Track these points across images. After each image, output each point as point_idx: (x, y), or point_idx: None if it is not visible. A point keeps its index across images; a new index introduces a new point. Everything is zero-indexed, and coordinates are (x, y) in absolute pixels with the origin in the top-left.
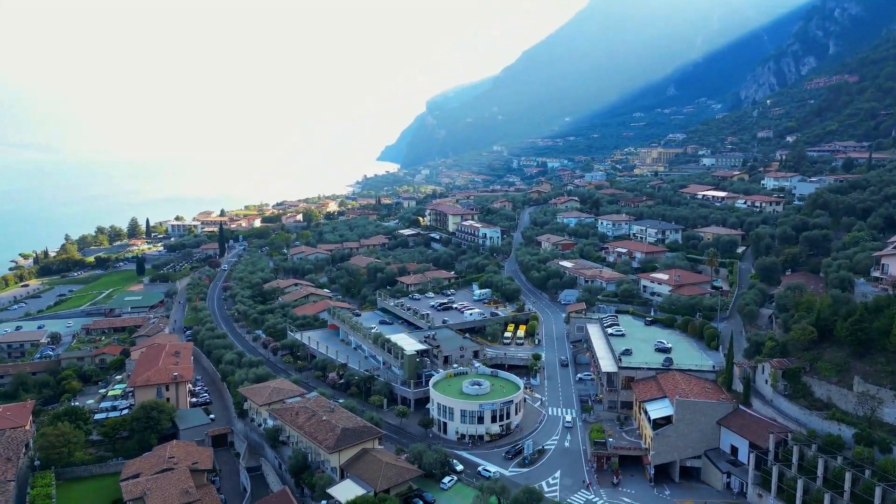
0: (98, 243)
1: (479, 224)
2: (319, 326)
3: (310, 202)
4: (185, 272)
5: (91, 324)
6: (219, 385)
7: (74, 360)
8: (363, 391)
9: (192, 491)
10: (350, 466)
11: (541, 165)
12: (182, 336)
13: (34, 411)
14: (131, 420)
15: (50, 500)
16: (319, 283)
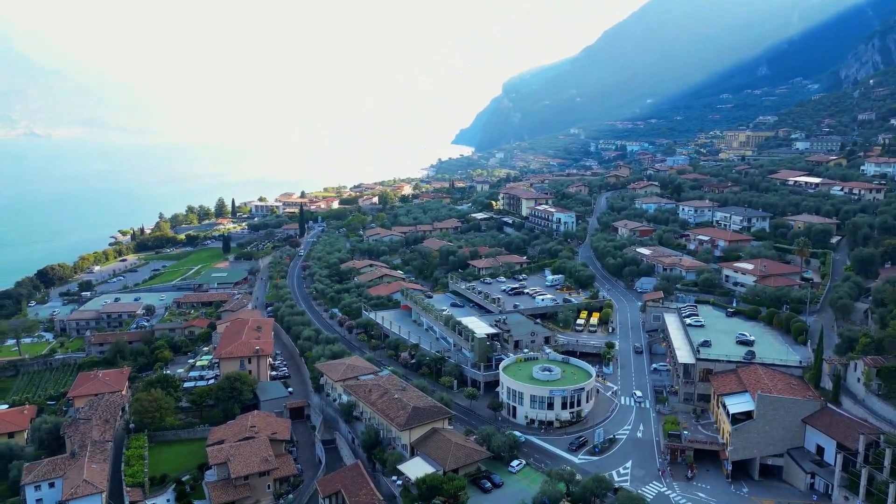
0: (188, 222)
1: (554, 209)
2: (393, 307)
3: (385, 185)
4: (268, 251)
5: (181, 298)
6: (297, 360)
7: (166, 331)
8: (434, 372)
9: (271, 459)
10: (420, 445)
11: (619, 149)
12: (264, 312)
13: (130, 377)
14: (217, 390)
15: (143, 461)
16: (393, 264)
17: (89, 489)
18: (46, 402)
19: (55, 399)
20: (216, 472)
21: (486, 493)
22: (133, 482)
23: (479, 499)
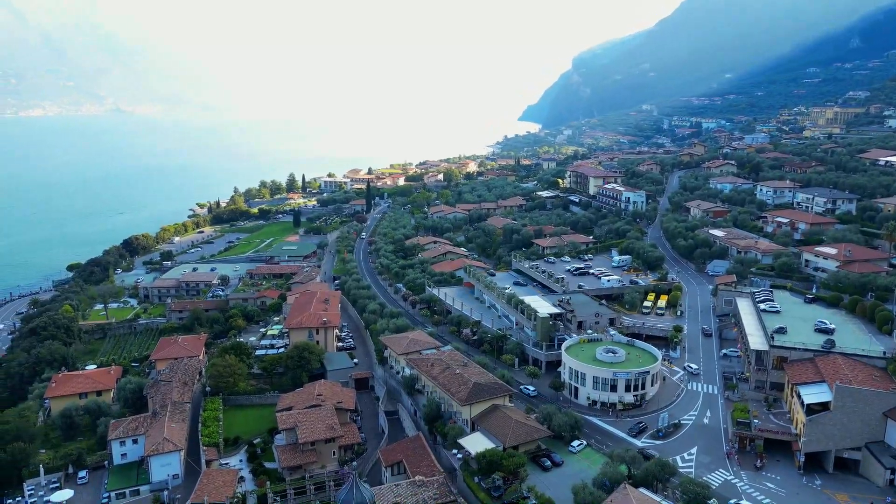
0: (261, 196)
1: (623, 187)
2: (455, 284)
3: (450, 162)
4: (335, 226)
5: (254, 269)
6: (362, 332)
7: (240, 300)
8: (495, 349)
9: (337, 427)
10: (481, 420)
11: (694, 126)
12: (331, 285)
13: (206, 344)
14: (286, 358)
15: (218, 423)
16: (457, 241)
17: (169, 446)
18: (131, 363)
19: (139, 361)
20: (285, 436)
21: (545, 472)
22: (209, 442)
23: (538, 477)
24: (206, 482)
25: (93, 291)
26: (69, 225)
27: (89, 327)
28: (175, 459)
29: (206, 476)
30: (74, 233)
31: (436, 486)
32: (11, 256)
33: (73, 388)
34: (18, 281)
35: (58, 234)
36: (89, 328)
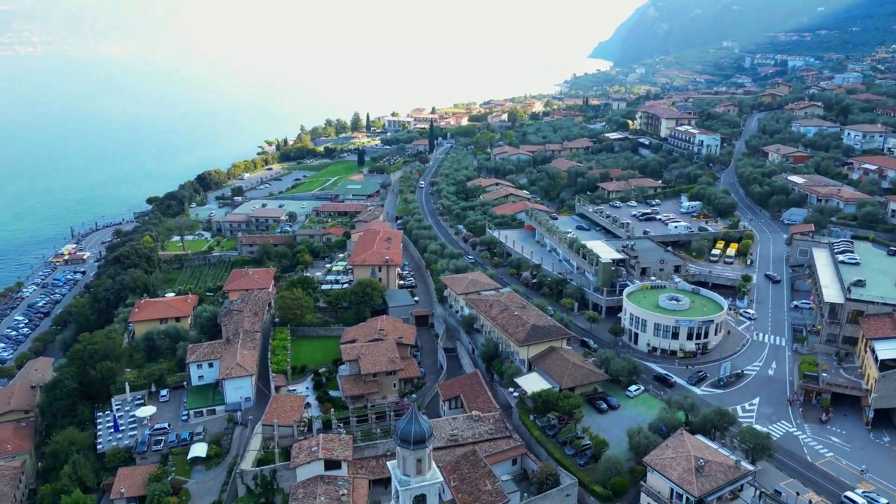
0: (326, 134)
1: (696, 130)
2: (516, 226)
3: (515, 102)
4: (398, 166)
5: (320, 207)
6: (423, 272)
7: (306, 236)
8: (555, 293)
9: (397, 361)
10: (537, 361)
11: (779, 64)
12: (394, 224)
13: (275, 277)
14: (350, 293)
15: (285, 352)
16: (519, 183)
17: (241, 371)
18: (206, 293)
19: (213, 291)
20: (348, 367)
21: (601, 414)
22: (277, 369)
23: (593, 418)
24: (275, 406)
25: (170, 223)
26: (147, 161)
27: (167, 257)
28: (247, 384)
29: (276, 400)
30: (152, 168)
31: (492, 422)
32: (96, 189)
33: (154, 313)
34: (103, 212)
35: (137, 169)
36: (167, 258)
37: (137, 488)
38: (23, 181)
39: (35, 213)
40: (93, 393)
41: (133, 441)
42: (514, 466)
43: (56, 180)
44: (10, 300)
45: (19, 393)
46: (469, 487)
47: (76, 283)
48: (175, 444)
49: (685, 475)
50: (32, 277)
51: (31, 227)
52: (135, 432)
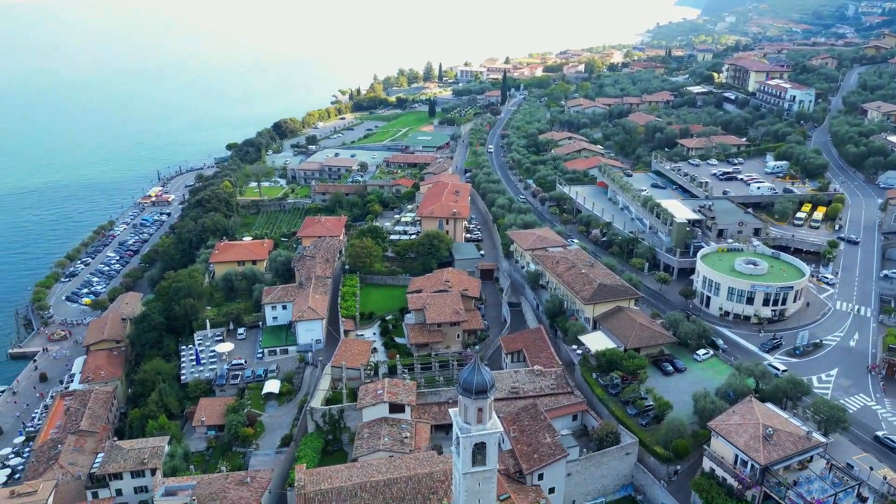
0: (398, 84)
1: (788, 84)
2: (588, 182)
3: (593, 52)
4: (469, 117)
5: (390, 157)
6: (490, 226)
7: (377, 187)
8: (625, 252)
9: (462, 312)
10: (603, 320)
11: (888, 13)
12: (462, 177)
13: (346, 225)
14: (417, 244)
15: (354, 298)
16: (593, 138)
17: (313, 315)
18: (280, 238)
19: (287, 237)
20: (414, 316)
21: (666, 376)
22: (346, 314)
23: (658, 380)
24: (344, 349)
25: (248, 170)
26: (227, 107)
27: (245, 203)
28: (318, 326)
29: (345, 344)
30: (231, 115)
31: (553, 377)
32: (179, 135)
33: (232, 255)
34: (186, 156)
35: (217, 116)
36: (245, 203)
37: (216, 418)
38: (111, 126)
39: (124, 157)
40: (177, 327)
41: (213, 374)
42: (574, 422)
43: (142, 125)
44: (103, 237)
45: (111, 324)
46: (528, 439)
47: (162, 223)
48: (251, 379)
49: (752, 442)
50: (123, 217)
51: (122, 170)
52: (214, 366)
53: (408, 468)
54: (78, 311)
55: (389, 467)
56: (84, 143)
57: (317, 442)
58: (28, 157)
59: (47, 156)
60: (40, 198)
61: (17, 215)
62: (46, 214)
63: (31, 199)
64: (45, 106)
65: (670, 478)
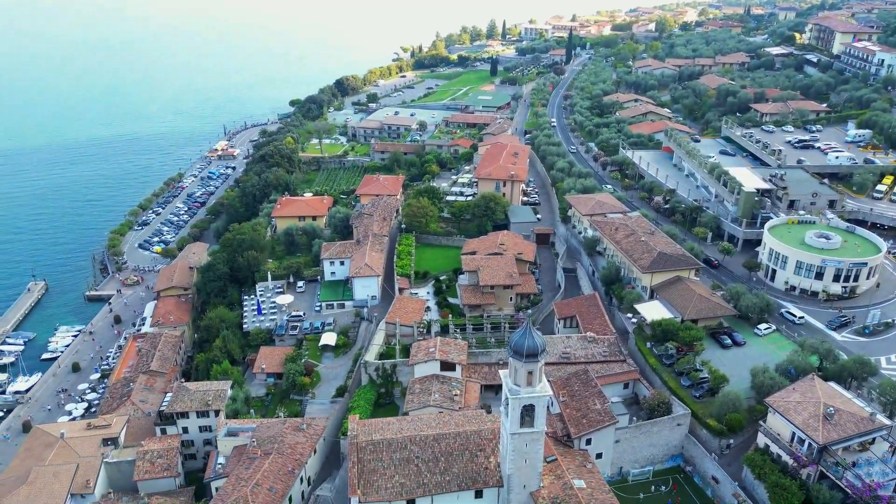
0: (461, 42)
1: (877, 46)
2: (653, 147)
3: (665, 9)
4: (532, 77)
5: (450, 117)
6: (548, 189)
7: (435, 146)
8: (688, 221)
9: (515, 276)
10: (661, 290)
11: None
12: (522, 138)
13: (403, 185)
14: (473, 206)
15: (410, 257)
16: (660, 101)
17: (369, 271)
18: (339, 195)
19: (346, 194)
20: (468, 277)
21: (724, 349)
22: (401, 272)
23: (715, 353)
24: (398, 306)
25: (310, 126)
26: (290, 65)
27: (306, 159)
28: (373, 283)
29: (399, 301)
30: (294, 72)
31: (606, 345)
32: (243, 91)
33: (293, 210)
34: (251, 111)
35: (281, 73)
36: (306, 160)
37: (275, 366)
38: (180, 80)
39: (192, 111)
40: (240, 278)
41: (273, 324)
42: (625, 390)
43: (210, 79)
44: (173, 189)
45: (180, 272)
46: (578, 404)
47: (227, 177)
48: (308, 331)
49: (811, 421)
50: (191, 170)
51: (190, 123)
52: (275, 317)
53: (457, 424)
54: (149, 259)
55: (439, 422)
56: (159, 96)
57: (370, 394)
58: (106, 109)
59: (125, 108)
60: (116, 149)
61: (95, 165)
62: (121, 165)
63: (108, 150)
64: (124, 58)
65: (722, 451)
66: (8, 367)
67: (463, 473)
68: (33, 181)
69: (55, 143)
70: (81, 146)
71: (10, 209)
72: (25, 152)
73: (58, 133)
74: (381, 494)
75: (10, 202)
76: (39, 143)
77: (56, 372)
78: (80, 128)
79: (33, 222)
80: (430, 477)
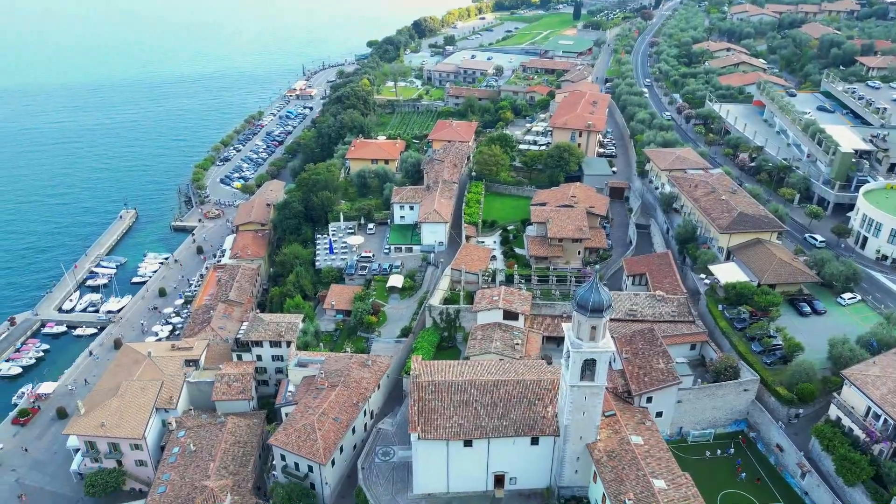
0: None
1: None
2: (743, 101)
3: None
4: (616, 21)
5: (527, 62)
6: (626, 141)
7: (510, 93)
8: (774, 180)
9: (585, 230)
10: (738, 252)
11: None
12: (602, 87)
13: (476, 131)
14: (546, 156)
15: (478, 205)
16: (755, 51)
17: (437, 217)
18: (412, 139)
19: (418, 139)
20: (536, 228)
21: (801, 317)
22: (469, 220)
23: (791, 320)
24: (464, 253)
25: (386, 68)
26: (369, 3)
27: (381, 101)
28: (441, 229)
29: (465, 249)
30: (372, 12)
31: (675, 304)
32: (321, 32)
33: (367, 153)
34: (330, 52)
35: (356, 14)
36: (381, 102)
37: (344, 303)
38: (260, 20)
39: (272, 51)
40: (314, 217)
41: (343, 263)
42: (691, 351)
43: (288, 18)
44: (253, 126)
45: (258, 208)
46: (641, 362)
47: (305, 117)
48: (377, 272)
49: (889, 396)
50: (270, 108)
51: (271, 62)
52: (345, 256)
53: (516, 372)
54: (229, 193)
55: (499, 369)
56: (243, 33)
57: (433, 337)
58: (194, 47)
59: (211, 46)
60: (202, 86)
61: (182, 101)
62: (206, 102)
63: (195, 86)
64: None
65: (789, 420)
66: (101, 288)
67: (520, 420)
68: (127, 115)
69: (147, 80)
70: (171, 82)
71: (106, 141)
72: (120, 87)
73: (149, 69)
74: (440, 433)
75: (106, 134)
76: (132, 79)
77: (144, 295)
78: (171, 65)
79: (126, 154)
80: (488, 420)
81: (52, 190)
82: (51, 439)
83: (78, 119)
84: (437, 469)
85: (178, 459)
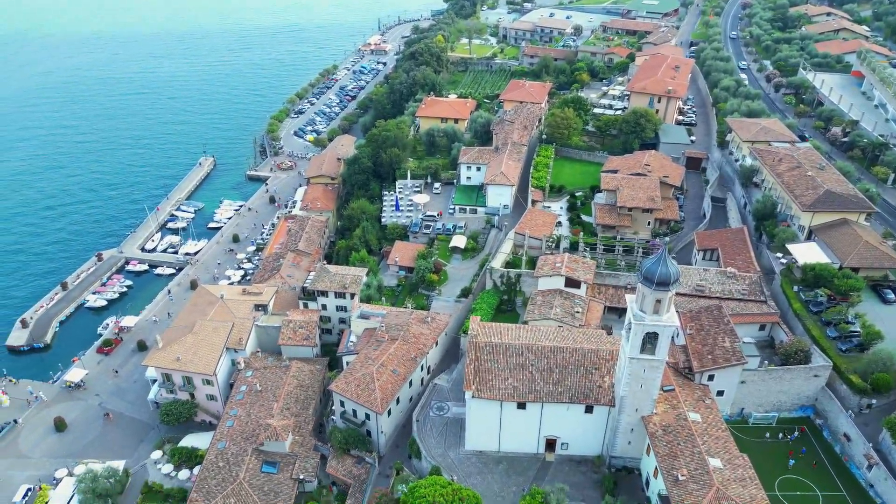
0: None
1: None
2: (840, 70)
3: None
4: None
5: (608, 22)
6: (707, 109)
7: (588, 53)
8: (867, 158)
9: (657, 200)
10: (821, 231)
11: None
12: (686, 51)
13: (549, 93)
14: (622, 122)
15: (547, 170)
16: (859, 16)
17: (504, 180)
18: (483, 99)
19: (490, 98)
20: (605, 196)
21: (885, 304)
22: (536, 185)
23: (873, 306)
24: (529, 218)
25: (461, 25)
26: None
27: (454, 59)
28: (507, 192)
29: (531, 213)
30: None
31: (747, 283)
32: None
33: (437, 111)
34: (406, 6)
35: None
36: (454, 60)
37: (408, 260)
38: None
39: (349, 3)
40: (382, 173)
41: (409, 221)
42: (760, 332)
43: None
44: (327, 80)
45: (328, 162)
46: (705, 339)
47: (378, 72)
48: (441, 231)
49: None
50: (344, 63)
51: (347, 16)
52: (411, 214)
53: (574, 340)
54: (302, 146)
55: (557, 336)
56: None
57: (492, 299)
58: None
59: None
60: (278, 39)
61: (260, 52)
62: (283, 54)
63: (272, 39)
64: None
65: (860, 410)
66: (180, 231)
67: (576, 387)
68: (207, 65)
69: (229, 30)
70: (251, 34)
71: (188, 89)
72: (204, 37)
73: (231, 20)
74: (494, 393)
75: (189, 83)
76: (215, 30)
77: (219, 240)
78: (252, 16)
79: (206, 103)
80: (543, 385)
81: (139, 135)
82: (131, 369)
83: (164, 67)
84: (489, 428)
85: (245, 397)
